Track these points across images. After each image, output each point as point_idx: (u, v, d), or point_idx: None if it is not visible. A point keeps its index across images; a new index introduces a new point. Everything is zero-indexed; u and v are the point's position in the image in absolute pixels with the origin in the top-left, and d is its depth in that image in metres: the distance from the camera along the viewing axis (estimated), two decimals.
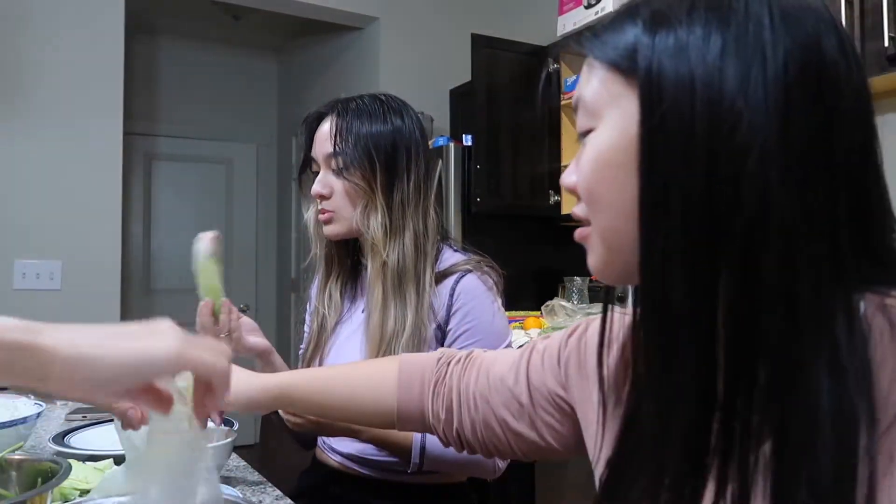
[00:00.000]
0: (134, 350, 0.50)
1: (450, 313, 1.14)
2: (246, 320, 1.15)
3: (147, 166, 4.35)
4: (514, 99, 2.97)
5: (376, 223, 1.15)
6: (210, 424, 1.02)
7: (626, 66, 0.51)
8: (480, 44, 2.92)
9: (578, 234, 0.57)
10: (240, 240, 4.63)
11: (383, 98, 1.22)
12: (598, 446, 0.65)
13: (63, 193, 2.84)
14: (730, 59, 0.46)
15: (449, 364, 0.84)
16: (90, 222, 2.89)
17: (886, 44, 1.76)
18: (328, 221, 1.20)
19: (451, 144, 2.94)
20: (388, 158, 1.17)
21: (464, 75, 3.13)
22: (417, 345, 1.12)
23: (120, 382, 0.50)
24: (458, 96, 3.38)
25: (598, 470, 0.65)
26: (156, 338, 0.51)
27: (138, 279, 4.24)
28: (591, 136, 0.54)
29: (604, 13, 2.67)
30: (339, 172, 1.17)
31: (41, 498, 0.66)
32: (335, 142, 1.17)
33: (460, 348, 1.13)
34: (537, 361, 0.77)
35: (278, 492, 0.96)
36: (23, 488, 0.73)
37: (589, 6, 2.74)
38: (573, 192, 0.56)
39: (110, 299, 2.93)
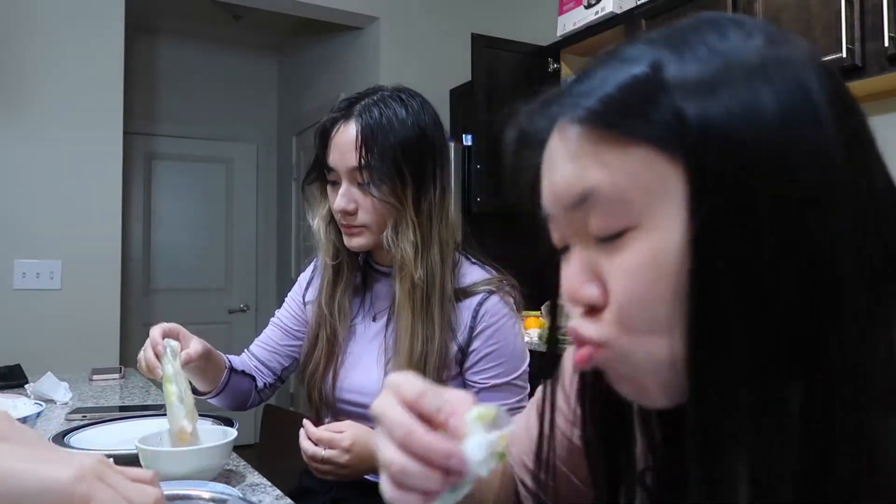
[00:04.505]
0: (31, 472, 0.50)
1: (472, 335, 1.11)
2: (180, 338, 1.10)
3: (147, 166, 4.35)
4: (514, 99, 2.96)
5: (407, 241, 1.08)
6: (210, 425, 1.03)
7: (671, 142, 0.41)
8: (480, 44, 2.92)
9: (586, 357, 0.45)
10: (240, 240, 4.63)
11: (403, 96, 1.14)
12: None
13: (63, 193, 2.84)
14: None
15: None
16: (90, 222, 2.89)
17: (886, 44, 1.76)
18: (355, 235, 1.13)
19: (452, 144, 2.93)
20: (416, 169, 1.10)
21: (464, 75, 3.13)
22: (443, 365, 1.09)
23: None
24: (458, 96, 3.38)
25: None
26: (59, 464, 0.51)
27: (138, 279, 4.24)
28: (633, 237, 0.43)
29: (604, 13, 2.67)
30: (365, 187, 1.10)
31: None
32: (361, 154, 1.08)
33: (482, 370, 1.12)
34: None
35: (278, 492, 0.96)
36: None
37: (589, 6, 2.74)
38: (591, 306, 0.45)
39: (110, 299, 2.93)
